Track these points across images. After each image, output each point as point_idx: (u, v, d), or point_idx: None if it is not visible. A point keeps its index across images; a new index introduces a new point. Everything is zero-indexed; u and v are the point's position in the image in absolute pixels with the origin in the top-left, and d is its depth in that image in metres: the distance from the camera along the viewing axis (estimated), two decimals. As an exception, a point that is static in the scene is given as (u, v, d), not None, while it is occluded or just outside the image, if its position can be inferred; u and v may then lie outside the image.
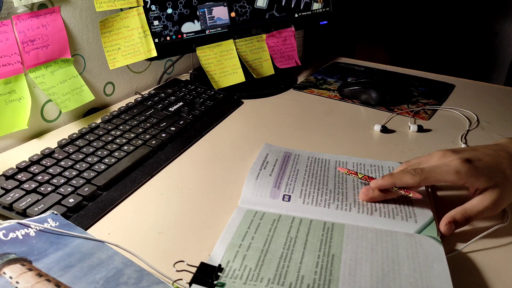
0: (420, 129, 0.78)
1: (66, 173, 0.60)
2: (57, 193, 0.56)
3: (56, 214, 0.51)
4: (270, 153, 0.67)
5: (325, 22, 1.03)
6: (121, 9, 0.80)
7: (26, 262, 0.43)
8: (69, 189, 0.57)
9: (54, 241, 0.46)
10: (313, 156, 0.67)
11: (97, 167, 0.62)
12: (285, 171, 0.63)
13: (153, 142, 0.70)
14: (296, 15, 0.99)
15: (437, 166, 0.53)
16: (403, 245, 0.49)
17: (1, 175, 0.59)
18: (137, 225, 0.54)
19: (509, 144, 0.56)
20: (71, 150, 0.65)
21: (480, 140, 0.76)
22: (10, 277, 0.40)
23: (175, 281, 0.44)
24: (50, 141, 0.73)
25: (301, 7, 0.99)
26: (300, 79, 1.02)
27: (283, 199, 0.57)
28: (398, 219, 0.53)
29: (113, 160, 0.64)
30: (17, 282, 0.40)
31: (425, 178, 0.52)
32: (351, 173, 0.60)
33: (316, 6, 1.01)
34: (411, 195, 0.54)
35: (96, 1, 0.75)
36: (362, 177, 0.59)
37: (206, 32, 0.89)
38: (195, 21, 0.88)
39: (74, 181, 0.58)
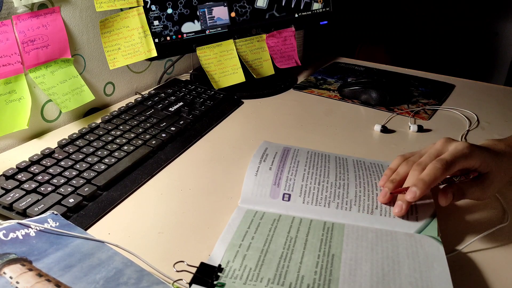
0: (420, 129, 0.78)
1: (66, 173, 0.60)
2: (57, 193, 0.56)
3: (56, 214, 0.51)
4: (269, 147, 0.67)
5: (325, 22, 1.03)
6: (121, 9, 0.80)
7: (26, 262, 0.43)
8: (69, 189, 0.57)
9: (54, 241, 0.46)
10: (313, 151, 0.67)
11: (97, 167, 0.62)
12: (285, 163, 0.63)
13: (153, 142, 0.70)
14: (296, 15, 0.99)
15: (452, 150, 0.53)
16: (403, 245, 0.49)
17: (1, 175, 0.59)
18: (137, 225, 0.54)
19: (492, 143, 0.58)
20: (71, 150, 0.65)
21: (480, 140, 0.75)
22: (10, 277, 0.40)
23: (175, 281, 0.45)
24: (50, 141, 0.73)
25: (301, 7, 0.99)
26: (300, 79, 1.02)
27: (283, 199, 0.57)
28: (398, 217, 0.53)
29: (113, 160, 0.64)
30: (17, 282, 0.40)
31: (451, 162, 0.51)
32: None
33: (316, 6, 1.01)
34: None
35: (96, 1, 0.75)
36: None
37: (206, 32, 0.89)
38: (195, 21, 0.88)
39: (74, 181, 0.58)
